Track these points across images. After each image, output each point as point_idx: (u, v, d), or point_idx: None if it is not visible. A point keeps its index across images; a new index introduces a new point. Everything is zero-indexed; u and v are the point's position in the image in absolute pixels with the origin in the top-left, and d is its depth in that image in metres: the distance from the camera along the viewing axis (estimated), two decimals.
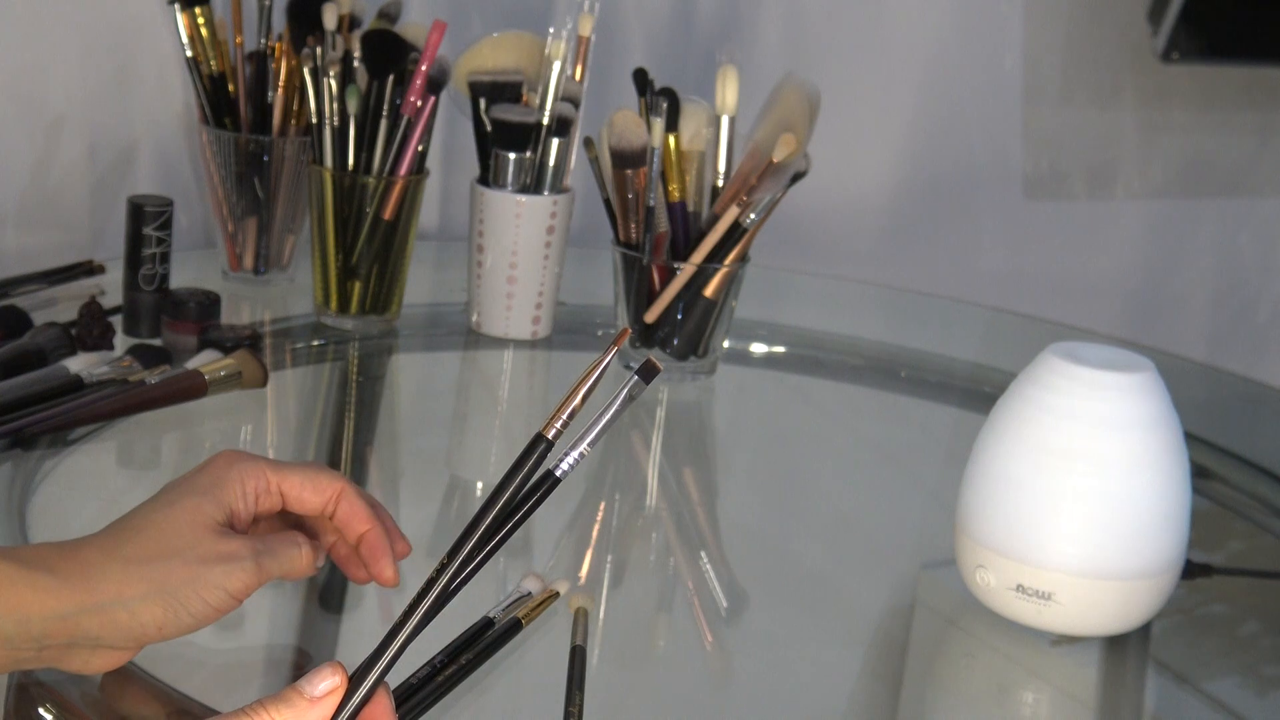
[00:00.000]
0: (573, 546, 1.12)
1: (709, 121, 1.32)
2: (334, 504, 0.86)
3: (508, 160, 1.35)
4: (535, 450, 0.64)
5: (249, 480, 0.83)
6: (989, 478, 0.98)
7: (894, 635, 1.05)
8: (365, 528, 0.86)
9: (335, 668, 0.68)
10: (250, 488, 0.83)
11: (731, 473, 1.31)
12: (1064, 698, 0.99)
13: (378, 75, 1.31)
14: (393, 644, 0.68)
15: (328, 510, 0.86)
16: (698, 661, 1.01)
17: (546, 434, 0.63)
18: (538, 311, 1.38)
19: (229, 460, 0.83)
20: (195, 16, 1.37)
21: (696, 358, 1.33)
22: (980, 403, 1.30)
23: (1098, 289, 1.90)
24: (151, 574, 0.77)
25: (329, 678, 0.68)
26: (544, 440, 0.63)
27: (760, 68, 1.49)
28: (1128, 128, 1.87)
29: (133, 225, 1.29)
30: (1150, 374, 0.97)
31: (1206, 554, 1.13)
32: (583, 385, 0.64)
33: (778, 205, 1.29)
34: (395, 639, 0.68)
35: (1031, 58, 1.80)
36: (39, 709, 0.84)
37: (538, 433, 0.63)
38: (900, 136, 1.79)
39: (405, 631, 0.68)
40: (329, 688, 0.68)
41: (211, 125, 1.39)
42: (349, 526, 0.86)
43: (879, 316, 1.61)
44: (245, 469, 0.83)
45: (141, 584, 0.77)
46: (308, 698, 0.67)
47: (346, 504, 0.86)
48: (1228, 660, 1.06)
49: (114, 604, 0.77)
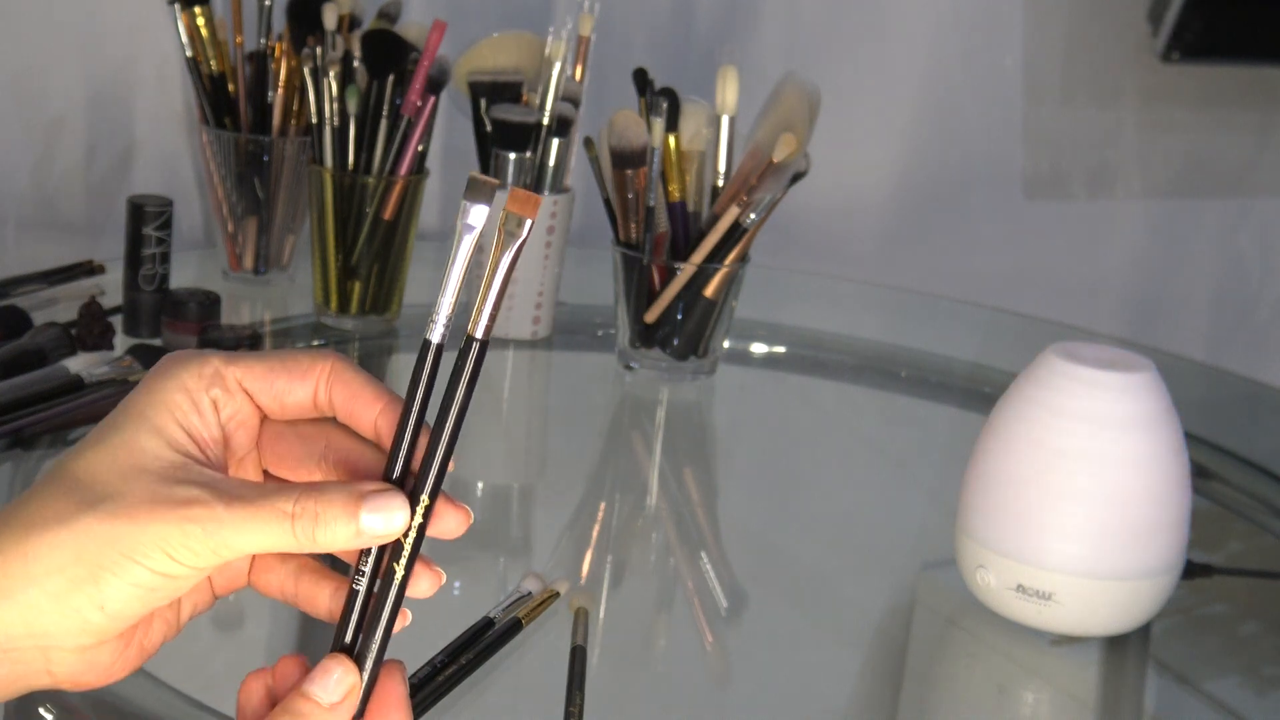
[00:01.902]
0: (573, 546, 1.12)
1: (709, 121, 1.32)
2: (325, 388, 0.61)
3: (508, 160, 1.35)
4: (470, 352, 0.58)
5: (193, 381, 0.59)
6: (989, 478, 0.98)
7: (894, 635, 1.05)
8: (378, 405, 0.61)
9: (340, 659, 0.58)
10: (200, 391, 0.59)
11: (731, 473, 1.31)
12: (1064, 698, 0.99)
13: (378, 75, 1.31)
14: (385, 607, 0.58)
15: (319, 399, 0.61)
16: (698, 661, 1.01)
17: (474, 334, 0.59)
18: (538, 311, 1.38)
19: (167, 365, 0.60)
20: (195, 16, 1.37)
21: (696, 358, 1.33)
22: (980, 403, 1.30)
23: (1098, 289, 1.90)
24: (65, 541, 0.56)
25: (342, 676, 0.57)
26: (474, 341, 0.58)
27: (760, 68, 1.49)
28: (1128, 128, 1.87)
29: (133, 225, 1.29)
30: (1150, 374, 0.97)
31: (1206, 554, 1.13)
32: (494, 276, 0.58)
33: (778, 205, 1.29)
34: (386, 599, 0.58)
35: (1031, 58, 1.80)
36: (39, 709, 0.84)
37: (467, 335, 0.59)
38: (900, 137, 1.79)
39: (394, 590, 0.58)
40: (347, 688, 0.57)
41: (211, 125, 1.39)
42: (355, 413, 0.61)
43: (879, 316, 1.61)
44: (187, 368, 0.60)
45: (56, 554, 0.56)
46: (326, 705, 0.57)
47: (342, 384, 0.61)
48: (1228, 660, 1.06)
49: (26, 587, 0.57)
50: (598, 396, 1.40)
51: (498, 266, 0.57)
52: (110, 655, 0.59)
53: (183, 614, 0.62)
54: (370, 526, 0.57)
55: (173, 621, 0.61)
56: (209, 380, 0.60)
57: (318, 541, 0.57)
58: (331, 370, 0.61)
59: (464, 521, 0.60)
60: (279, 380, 0.61)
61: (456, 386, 0.58)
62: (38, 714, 0.84)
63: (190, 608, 0.62)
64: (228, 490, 0.57)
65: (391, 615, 0.58)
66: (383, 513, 0.57)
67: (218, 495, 0.57)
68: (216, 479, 0.58)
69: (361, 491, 0.57)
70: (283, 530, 0.57)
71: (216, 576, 0.62)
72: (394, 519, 0.57)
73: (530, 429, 1.36)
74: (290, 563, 0.62)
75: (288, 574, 0.62)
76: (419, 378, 0.58)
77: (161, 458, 0.58)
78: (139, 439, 0.58)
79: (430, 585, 0.59)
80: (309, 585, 0.62)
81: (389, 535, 0.58)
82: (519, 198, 0.57)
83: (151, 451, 0.58)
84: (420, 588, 0.59)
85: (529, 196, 0.57)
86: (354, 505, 0.57)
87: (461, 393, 0.58)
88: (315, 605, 0.62)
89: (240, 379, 0.60)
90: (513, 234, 0.57)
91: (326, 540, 0.57)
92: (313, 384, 0.61)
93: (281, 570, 0.62)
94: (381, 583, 0.58)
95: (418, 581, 0.59)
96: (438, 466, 0.58)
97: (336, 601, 0.61)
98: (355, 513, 0.57)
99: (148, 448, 0.58)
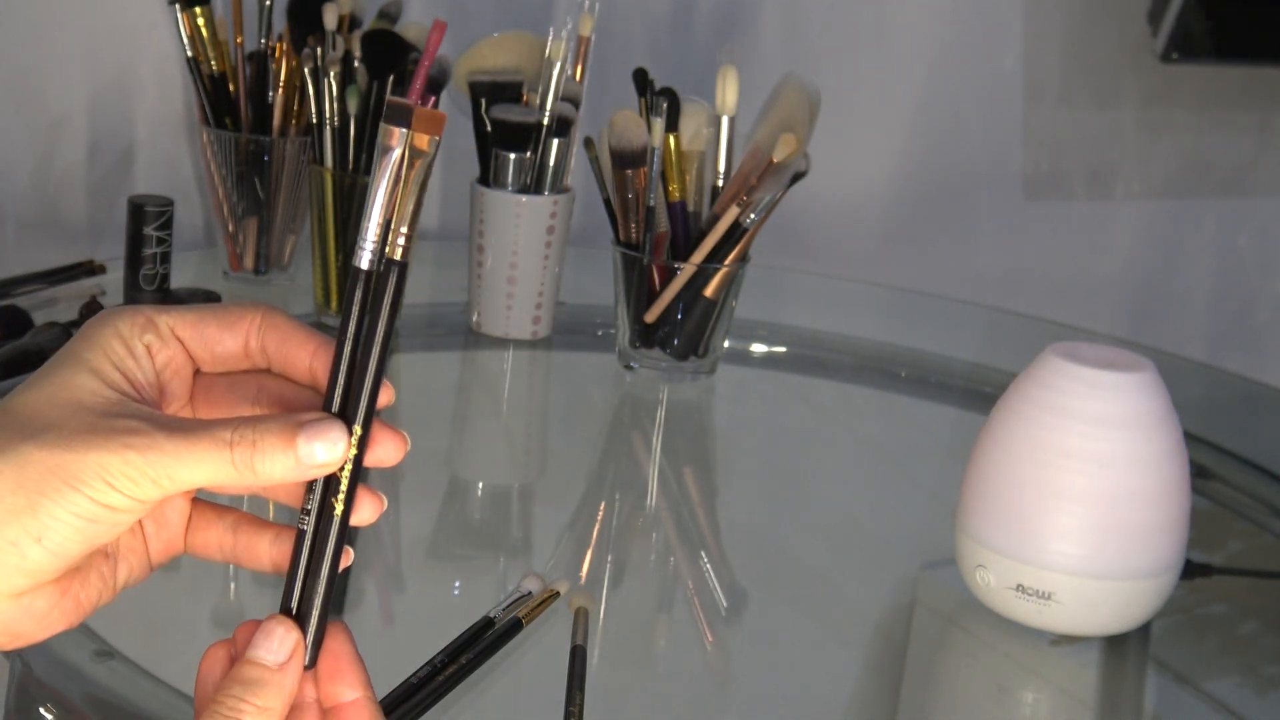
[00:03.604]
0: (573, 546, 1.12)
1: (709, 121, 1.32)
2: (257, 335, 0.61)
3: (508, 160, 1.35)
4: (390, 275, 0.58)
5: (127, 328, 0.60)
6: (989, 478, 0.99)
7: (894, 635, 1.05)
8: (311, 346, 0.61)
9: (281, 620, 0.58)
10: (135, 338, 0.60)
11: (731, 473, 1.31)
12: (1064, 698, 0.99)
13: (378, 75, 1.31)
14: (327, 546, 0.58)
15: (251, 347, 0.62)
16: (698, 661, 1.01)
17: (394, 257, 0.58)
18: (538, 311, 1.38)
19: (101, 315, 0.61)
20: (195, 16, 1.37)
21: (696, 358, 1.33)
22: (980, 403, 1.30)
23: (1098, 289, 1.90)
24: (3, 470, 0.56)
25: (284, 635, 0.58)
26: (396, 264, 0.58)
27: (760, 68, 1.49)
28: (1128, 128, 1.87)
29: (133, 225, 1.29)
30: (1150, 374, 0.97)
31: (1206, 554, 1.13)
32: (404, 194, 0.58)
33: (778, 205, 1.29)
34: (329, 538, 0.58)
35: (1031, 58, 1.80)
36: (40, 708, 0.84)
37: (387, 259, 0.58)
38: (900, 136, 1.79)
39: (335, 526, 0.58)
40: (292, 645, 0.58)
41: (212, 125, 1.39)
42: (289, 356, 0.61)
43: (879, 316, 1.61)
44: (121, 316, 0.60)
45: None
46: (275, 666, 0.57)
47: (274, 329, 0.61)
48: (1228, 660, 1.06)
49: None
50: (598, 396, 1.40)
51: (410, 186, 0.58)
52: (47, 603, 0.59)
53: (119, 576, 0.62)
54: (308, 454, 0.57)
55: (109, 581, 0.61)
56: (142, 327, 0.60)
57: (257, 471, 0.57)
58: (263, 318, 0.61)
59: (400, 447, 0.60)
60: (209, 328, 0.61)
61: (380, 312, 0.58)
62: (38, 713, 0.84)
63: (126, 571, 0.62)
64: (167, 423, 0.57)
65: (336, 552, 0.58)
66: (320, 440, 0.57)
67: (157, 426, 0.57)
68: (155, 414, 0.58)
69: (300, 420, 0.57)
70: (222, 459, 0.57)
71: (153, 540, 0.62)
72: (333, 447, 0.57)
73: (530, 429, 1.36)
74: (226, 517, 0.62)
75: (225, 529, 0.62)
76: (350, 306, 0.58)
77: (99, 394, 0.58)
78: (77, 378, 0.58)
79: (372, 512, 0.59)
80: (247, 537, 0.62)
81: (329, 464, 0.57)
82: (424, 117, 0.58)
83: (90, 388, 0.58)
84: (363, 514, 0.59)
85: (434, 115, 0.58)
86: (291, 433, 0.57)
87: (385, 316, 0.58)
88: (256, 556, 0.62)
89: (173, 326, 0.61)
90: (422, 153, 0.58)
91: (266, 469, 0.57)
92: (243, 332, 0.61)
93: (219, 525, 0.62)
94: (322, 521, 0.58)
95: (360, 509, 0.59)
96: (368, 394, 0.58)
97: (277, 549, 0.61)
98: (293, 440, 0.57)
99: (85, 385, 0.58)
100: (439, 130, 0.58)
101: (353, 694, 0.59)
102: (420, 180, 0.58)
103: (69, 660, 0.86)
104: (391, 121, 0.57)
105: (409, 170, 0.58)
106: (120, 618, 0.91)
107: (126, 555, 0.61)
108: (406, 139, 0.57)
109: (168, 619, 0.96)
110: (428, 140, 0.58)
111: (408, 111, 0.58)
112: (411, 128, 0.57)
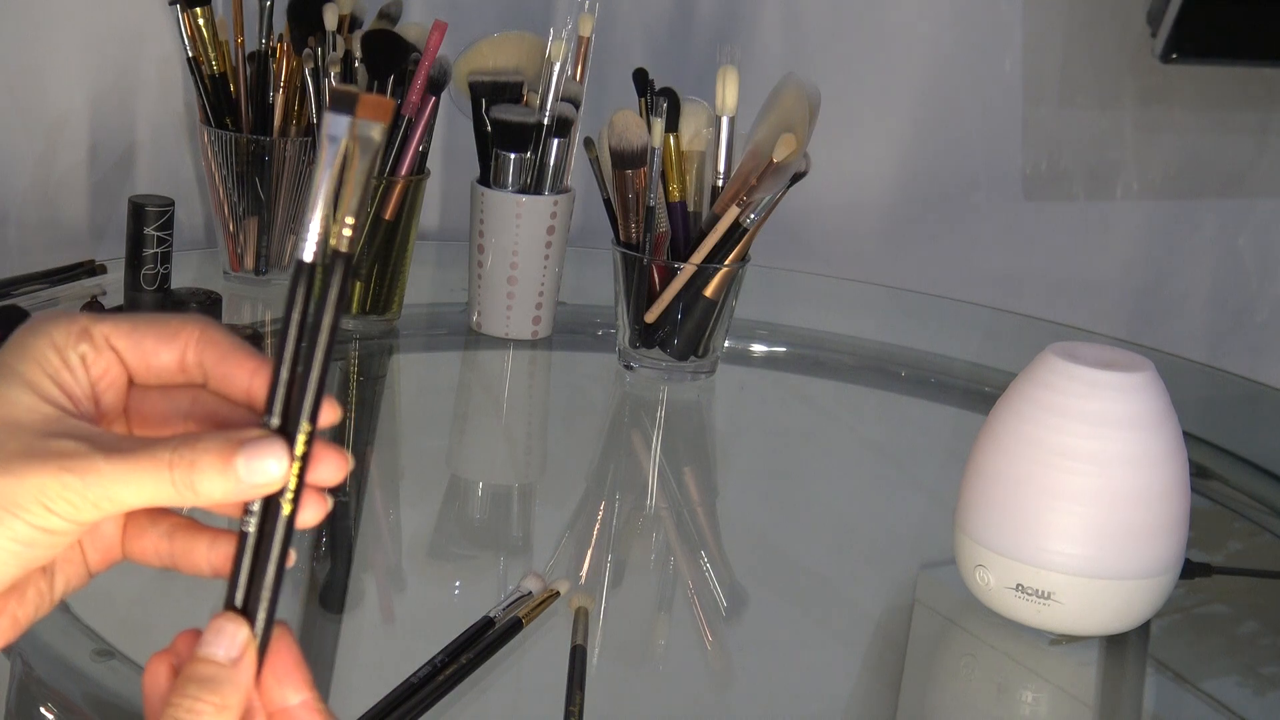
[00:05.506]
0: (573, 546, 1.12)
1: (709, 121, 1.32)
2: (194, 350, 0.59)
3: (508, 160, 1.35)
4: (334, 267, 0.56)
5: (61, 337, 0.57)
6: (989, 478, 0.99)
7: (894, 635, 1.05)
8: (250, 365, 0.59)
9: (230, 615, 0.56)
10: (69, 348, 0.57)
11: (731, 473, 1.31)
12: (1064, 697, 0.99)
13: (378, 75, 1.31)
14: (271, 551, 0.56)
15: (187, 361, 0.59)
16: (698, 661, 1.01)
17: (339, 248, 0.56)
18: (538, 311, 1.38)
19: (35, 323, 0.58)
20: (196, 17, 1.37)
21: (696, 358, 1.33)
22: (980, 403, 1.30)
23: (1098, 289, 1.90)
24: None
25: (235, 630, 0.56)
26: (341, 256, 0.56)
27: (760, 68, 1.49)
28: (1127, 128, 1.87)
29: (134, 225, 1.29)
30: (1150, 374, 0.97)
31: (1206, 554, 1.13)
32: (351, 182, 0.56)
33: (778, 205, 1.29)
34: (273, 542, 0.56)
35: (1031, 58, 1.80)
36: (40, 708, 0.84)
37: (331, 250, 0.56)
38: (900, 137, 1.79)
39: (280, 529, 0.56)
40: (244, 640, 0.56)
41: (212, 126, 1.39)
42: (227, 375, 0.59)
43: (879, 316, 1.61)
44: (55, 324, 0.58)
45: None
46: (228, 662, 0.55)
47: (212, 346, 0.59)
48: (1227, 660, 1.06)
49: None
50: (598, 396, 1.40)
51: (356, 175, 0.55)
52: None
53: (56, 588, 0.60)
54: (248, 473, 0.55)
55: (46, 595, 0.60)
56: (77, 336, 0.58)
57: (197, 490, 0.55)
58: (200, 333, 0.59)
59: (342, 467, 0.57)
60: (146, 340, 0.59)
61: (324, 306, 0.56)
62: (39, 713, 0.84)
63: (64, 582, 0.60)
64: (106, 442, 0.55)
65: (281, 556, 0.56)
66: (259, 459, 0.55)
67: (96, 447, 0.55)
68: (93, 431, 0.56)
69: (239, 439, 0.55)
70: (162, 480, 0.55)
71: (90, 549, 0.61)
72: (271, 465, 0.55)
73: (530, 429, 1.36)
74: (162, 523, 0.60)
75: (160, 535, 0.60)
76: (293, 300, 0.56)
77: (35, 410, 0.56)
78: (11, 394, 0.56)
79: (316, 514, 0.57)
80: (183, 542, 0.60)
81: (270, 484, 0.56)
82: (369, 104, 0.56)
83: (24, 404, 0.56)
84: (306, 516, 0.57)
85: (380, 101, 0.56)
86: (230, 451, 0.55)
87: (331, 311, 0.56)
88: (194, 562, 0.60)
89: (108, 335, 0.58)
90: (369, 141, 0.55)
91: (206, 489, 0.55)
92: (180, 346, 0.59)
93: (154, 532, 0.60)
94: (266, 523, 0.56)
95: (304, 510, 0.57)
96: (314, 390, 0.56)
97: (215, 553, 0.59)
98: (232, 459, 0.55)
99: (20, 401, 0.56)
100: (386, 117, 0.55)
101: (298, 696, 0.57)
102: (366, 168, 0.55)
103: (69, 660, 0.86)
104: (336, 109, 0.55)
105: (353, 159, 0.55)
106: (120, 618, 0.91)
107: (63, 567, 0.60)
108: (351, 126, 0.55)
109: (168, 619, 0.96)
110: (376, 128, 0.55)
111: (353, 99, 0.55)
112: (356, 115, 0.55)
